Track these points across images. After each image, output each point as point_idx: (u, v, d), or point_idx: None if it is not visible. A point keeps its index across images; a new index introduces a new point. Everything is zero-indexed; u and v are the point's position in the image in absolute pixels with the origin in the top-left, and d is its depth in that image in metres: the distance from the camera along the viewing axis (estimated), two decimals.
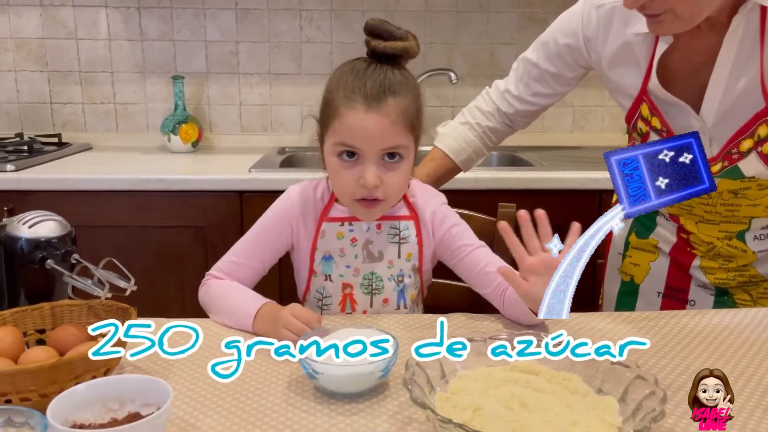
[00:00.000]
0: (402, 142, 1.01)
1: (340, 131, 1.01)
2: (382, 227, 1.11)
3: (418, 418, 0.77)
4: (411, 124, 1.02)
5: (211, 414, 0.77)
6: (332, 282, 1.12)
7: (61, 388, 0.74)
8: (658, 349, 0.95)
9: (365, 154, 1.00)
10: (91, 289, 0.86)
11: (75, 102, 2.35)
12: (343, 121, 1.00)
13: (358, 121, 0.98)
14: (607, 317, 1.07)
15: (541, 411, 0.72)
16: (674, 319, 1.06)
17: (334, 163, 1.03)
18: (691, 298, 1.25)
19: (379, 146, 1.00)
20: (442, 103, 2.42)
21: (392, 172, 1.02)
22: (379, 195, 1.02)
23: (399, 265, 1.12)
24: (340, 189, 1.06)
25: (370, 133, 0.99)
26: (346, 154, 1.02)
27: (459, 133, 1.38)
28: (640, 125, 1.16)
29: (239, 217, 1.84)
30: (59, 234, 0.93)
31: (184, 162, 2.09)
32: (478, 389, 0.77)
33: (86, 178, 1.82)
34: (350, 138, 1.00)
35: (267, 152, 2.22)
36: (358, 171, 1.01)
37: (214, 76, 2.36)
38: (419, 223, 1.13)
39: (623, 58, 1.13)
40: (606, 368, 0.78)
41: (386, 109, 0.99)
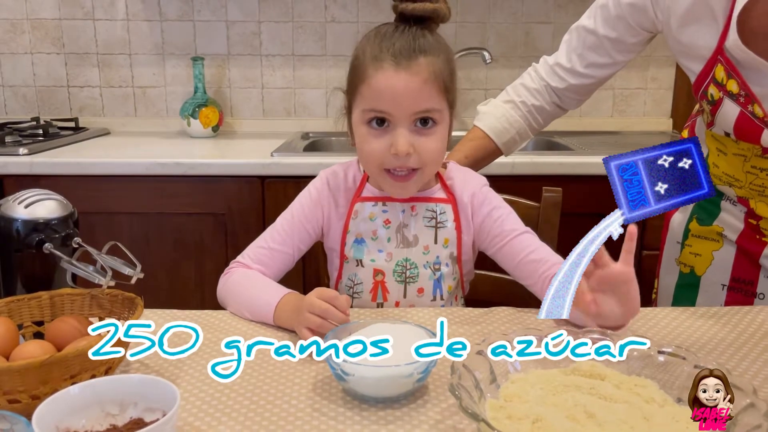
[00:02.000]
0: (435, 105, 0.92)
1: (369, 96, 0.92)
2: (417, 209, 1.01)
3: (464, 429, 0.66)
4: (444, 86, 0.93)
5: (225, 420, 0.67)
6: (363, 267, 1.02)
7: (55, 388, 0.65)
8: (736, 348, 0.83)
9: (396, 119, 0.91)
10: (92, 277, 0.76)
11: (92, 85, 2.27)
12: (371, 84, 0.91)
13: (386, 82, 0.90)
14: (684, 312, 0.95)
15: (613, 423, 0.60)
16: (761, 315, 0.93)
17: (363, 132, 0.94)
18: (760, 291, 1.12)
19: (411, 109, 0.91)
20: (473, 85, 2.29)
21: (426, 137, 0.93)
22: (412, 164, 0.93)
23: (435, 252, 1.01)
24: (368, 159, 0.96)
25: (400, 95, 0.90)
26: (375, 122, 0.93)
27: (502, 112, 1.26)
28: (711, 91, 1.02)
29: (261, 204, 1.74)
30: (59, 215, 0.83)
31: (203, 147, 2.00)
32: (534, 396, 0.65)
33: (101, 162, 1.74)
34: (379, 102, 0.91)
35: (290, 137, 2.12)
36: (389, 139, 0.92)
37: (236, 58, 2.26)
38: (457, 207, 1.03)
39: (697, 14, 0.99)
40: (687, 373, 0.67)
41: (416, 67, 0.90)
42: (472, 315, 0.94)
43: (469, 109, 2.27)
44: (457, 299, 1.08)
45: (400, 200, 1.01)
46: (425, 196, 1.02)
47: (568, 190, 1.31)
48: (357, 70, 0.94)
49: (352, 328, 0.78)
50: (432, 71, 0.91)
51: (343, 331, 0.77)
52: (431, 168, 0.97)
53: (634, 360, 0.71)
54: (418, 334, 0.75)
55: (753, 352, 0.83)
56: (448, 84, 0.94)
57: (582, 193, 1.66)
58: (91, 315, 0.82)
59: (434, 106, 0.92)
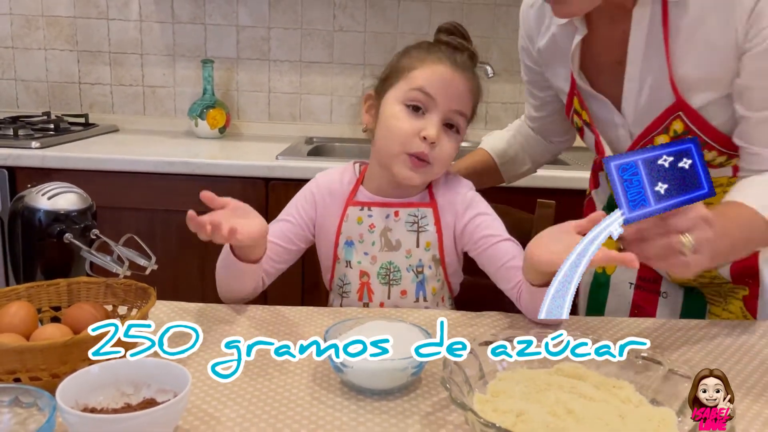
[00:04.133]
0: (466, 111, 1.03)
1: (421, 78, 1.00)
2: (400, 215, 1.07)
3: (453, 420, 0.71)
4: (475, 102, 1.05)
5: (231, 404, 0.72)
6: (351, 268, 1.08)
7: (74, 368, 0.69)
8: (712, 360, 0.88)
9: (435, 107, 1.00)
10: (109, 266, 0.81)
11: (103, 83, 2.33)
12: (428, 70, 1.00)
13: (443, 73, 1.00)
14: (645, 322, 1.00)
15: (591, 420, 0.65)
16: (737, 330, 0.98)
17: (397, 111, 1.01)
18: (664, 290, 1.18)
19: (453, 104, 1.00)
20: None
21: (447, 137, 1.02)
22: (430, 156, 1.00)
23: (417, 255, 1.06)
24: (395, 138, 1.01)
25: (451, 87, 1.00)
26: (413, 107, 1.00)
27: (503, 135, 1.37)
28: (575, 120, 1.14)
29: (264, 205, 1.80)
30: (79, 207, 0.88)
31: (210, 147, 2.05)
32: (519, 392, 0.70)
33: (111, 158, 1.79)
34: (431, 84, 0.99)
35: (294, 141, 2.17)
36: (421, 123, 1.00)
37: (244, 62, 2.32)
38: (437, 210, 1.07)
39: (553, 53, 1.10)
40: (660, 377, 0.72)
41: (468, 74, 1.02)
42: (465, 318, 0.99)
43: (475, 126, 2.32)
44: (444, 300, 1.12)
45: (383, 205, 1.06)
46: (408, 202, 1.07)
47: (562, 203, 1.36)
48: (411, 58, 1.03)
49: (350, 324, 0.82)
50: (475, 84, 1.04)
51: (342, 327, 0.81)
52: (440, 168, 1.03)
53: (613, 363, 0.76)
54: (413, 331, 0.80)
55: (720, 358, 0.88)
56: (476, 101, 1.05)
57: (576, 206, 1.71)
58: (105, 303, 0.86)
59: (466, 111, 1.02)
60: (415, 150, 0.99)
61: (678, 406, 0.68)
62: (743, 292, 1.08)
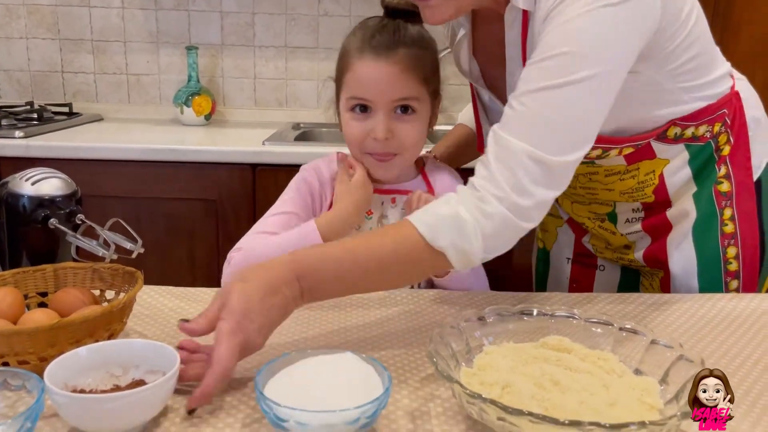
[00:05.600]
0: (413, 94, 0.99)
1: (352, 84, 0.99)
2: (396, 201, 1.07)
3: (441, 395, 0.71)
4: (424, 76, 1.00)
5: None
6: None
7: (61, 351, 0.69)
8: (695, 332, 0.89)
9: (376, 106, 0.99)
10: (95, 250, 0.81)
11: (87, 71, 2.30)
12: (355, 72, 0.99)
13: (367, 71, 0.97)
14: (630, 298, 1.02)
15: (576, 390, 0.66)
16: (710, 302, 1.00)
17: (347, 117, 1.02)
18: (600, 263, 1.20)
19: (390, 96, 0.98)
20: (462, 81, 2.33)
21: (405, 123, 1.00)
22: (391, 149, 1.00)
23: None
24: (350, 142, 1.04)
25: (379, 82, 0.97)
26: (358, 108, 1.00)
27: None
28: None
29: (251, 191, 1.79)
30: (64, 192, 0.88)
31: (196, 134, 2.04)
32: (506, 366, 0.71)
33: (96, 147, 1.78)
34: (361, 89, 0.98)
35: (281, 127, 2.16)
36: (370, 124, 1.00)
37: (229, 48, 2.30)
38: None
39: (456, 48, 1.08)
40: (644, 347, 0.73)
41: (395, 57, 0.97)
42: (451, 296, 1.00)
43: (456, 104, 2.32)
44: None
45: (380, 192, 1.07)
46: (405, 189, 1.07)
47: None
48: (342, 60, 1.02)
49: (291, 359, 0.67)
50: (411, 61, 0.97)
51: (281, 363, 0.66)
52: (411, 153, 1.03)
53: (599, 335, 0.77)
54: (361, 368, 0.66)
55: (702, 331, 0.90)
56: (428, 75, 1.00)
57: None
58: (92, 287, 0.86)
59: (413, 94, 0.99)
60: (371, 150, 1.01)
61: (660, 375, 0.69)
62: (660, 274, 1.10)
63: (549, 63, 0.77)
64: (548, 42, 0.78)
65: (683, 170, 1.04)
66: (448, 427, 0.65)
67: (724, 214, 1.05)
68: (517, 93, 0.79)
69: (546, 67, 0.78)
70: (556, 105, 0.77)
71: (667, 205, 1.07)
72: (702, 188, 1.04)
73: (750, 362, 0.81)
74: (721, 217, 1.05)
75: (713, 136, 1.02)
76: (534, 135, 0.77)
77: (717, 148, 1.04)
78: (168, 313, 0.91)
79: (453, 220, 0.76)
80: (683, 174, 1.04)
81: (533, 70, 0.79)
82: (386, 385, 0.63)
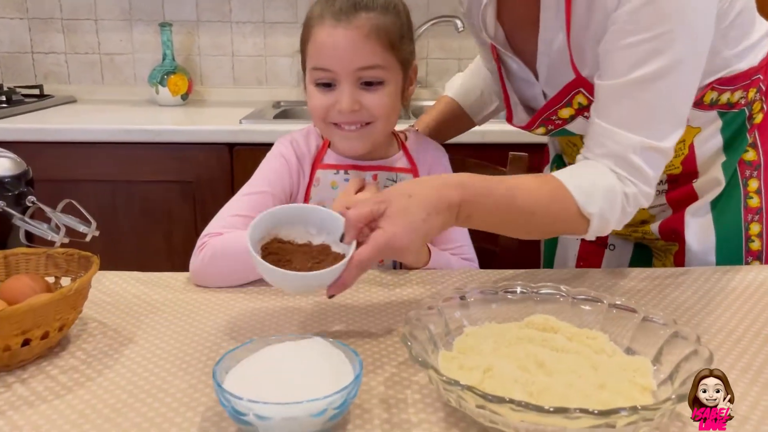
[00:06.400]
0: (377, 62, 0.92)
1: (314, 53, 0.93)
2: (379, 178, 1.01)
3: (419, 381, 0.66)
4: (390, 42, 0.93)
5: (181, 375, 0.67)
6: None
7: (6, 344, 0.64)
8: (689, 307, 0.85)
9: (340, 77, 0.92)
10: (45, 234, 0.75)
11: (57, 52, 2.22)
12: (315, 40, 0.93)
13: (326, 37, 0.91)
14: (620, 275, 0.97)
15: (562, 372, 0.61)
16: (703, 277, 0.95)
17: (311, 91, 0.96)
18: (611, 242, 1.16)
19: (353, 65, 0.91)
20: (447, 55, 2.28)
21: (373, 94, 0.94)
22: (362, 118, 0.94)
23: None
24: (314, 114, 0.97)
25: (340, 49, 0.91)
26: (323, 83, 0.94)
27: (466, 77, 1.27)
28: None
29: (229, 172, 1.73)
30: (13, 173, 0.81)
31: (172, 115, 1.97)
32: (488, 348, 0.66)
33: (66, 128, 1.71)
34: (321, 58, 0.92)
35: (261, 105, 2.09)
36: (334, 97, 0.93)
37: (205, 25, 2.22)
38: (419, 177, 1.02)
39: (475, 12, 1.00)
40: (635, 325, 0.68)
41: (357, 22, 0.90)
42: (431, 276, 0.95)
43: (443, 78, 2.26)
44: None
45: (362, 168, 1.01)
46: (388, 165, 1.02)
47: (534, 156, 1.32)
48: (305, 29, 0.96)
49: (253, 346, 0.62)
50: (375, 26, 0.91)
51: (242, 352, 0.61)
52: (383, 123, 0.96)
53: (587, 313, 0.72)
54: (328, 353, 0.61)
55: (695, 306, 0.85)
56: (395, 41, 0.93)
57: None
58: (47, 274, 0.81)
59: (377, 61, 0.92)
60: (339, 120, 0.94)
61: (653, 354, 0.64)
62: (674, 248, 1.06)
63: (645, 46, 0.77)
64: (639, 21, 0.77)
65: (714, 139, 0.99)
66: (425, 416, 0.61)
67: (749, 186, 1.00)
68: (619, 81, 0.80)
69: (644, 50, 0.77)
70: (661, 93, 0.79)
71: (694, 176, 1.02)
72: (731, 158, 0.99)
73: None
74: (745, 188, 1.00)
75: (747, 103, 0.97)
76: (645, 125, 0.80)
77: (750, 116, 0.99)
78: (131, 299, 0.85)
79: (607, 191, 0.80)
80: (714, 143, 0.99)
81: (629, 53, 0.78)
82: (357, 372, 0.58)
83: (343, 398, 0.55)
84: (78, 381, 0.66)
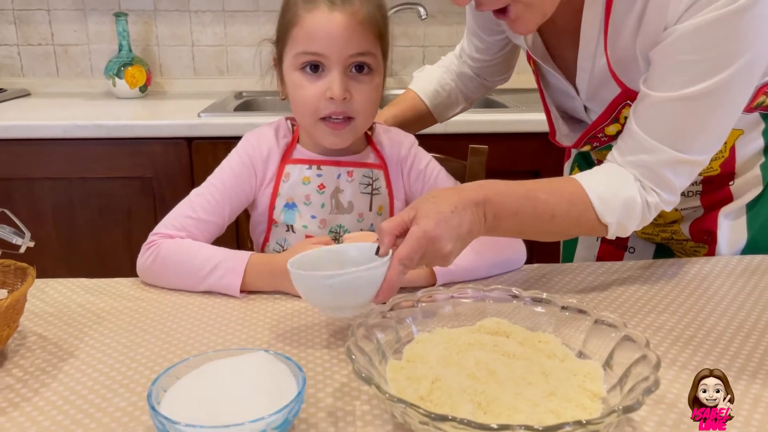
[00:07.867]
0: (371, 49, 0.90)
1: (302, 39, 0.89)
2: (354, 175, 0.99)
3: (368, 391, 0.65)
4: (379, 31, 0.91)
5: (122, 392, 0.65)
6: (294, 233, 0.99)
7: None
8: (644, 303, 0.84)
9: (331, 62, 0.89)
10: None
11: (9, 43, 2.15)
12: (305, 25, 0.88)
13: (321, 22, 0.87)
14: (587, 269, 0.96)
15: (512, 380, 0.60)
16: (661, 269, 0.95)
17: (296, 79, 0.91)
18: (631, 245, 1.15)
19: (347, 51, 0.88)
20: (411, 42, 2.25)
21: (362, 85, 0.91)
22: (348, 111, 0.91)
23: (369, 220, 1.00)
24: (303, 108, 0.92)
25: (335, 35, 0.87)
26: (309, 67, 0.90)
27: (435, 75, 1.25)
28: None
29: (189, 167, 1.69)
30: None
31: (130, 108, 1.92)
32: (438, 355, 0.65)
33: (15, 125, 1.65)
34: (313, 44, 0.88)
35: (222, 97, 2.05)
36: (324, 84, 0.90)
37: (163, 14, 2.16)
38: (388, 171, 1.01)
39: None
40: (588, 327, 0.67)
41: (352, 8, 0.88)
42: None
43: (407, 66, 2.24)
44: None
45: (335, 164, 0.98)
46: (360, 161, 1.00)
47: (501, 147, 1.31)
48: (288, 13, 0.91)
49: (187, 365, 0.59)
50: (368, 13, 0.89)
51: (181, 369, 0.59)
52: (364, 118, 0.94)
53: (539, 316, 0.71)
54: (272, 368, 0.59)
55: (648, 305, 0.84)
56: (382, 30, 0.92)
57: (514, 150, 1.67)
58: None
59: (370, 49, 0.90)
60: (329, 111, 0.90)
61: (604, 358, 0.63)
62: (703, 250, 1.05)
63: (705, 65, 0.75)
64: (703, 39, 0.75)
65: (756, 141, 0.98)
66: (372, 429, 0.59)
67: None
68: (668, 95, 0.78)
69: (702, 68, 0.76)
70: (709, 110, 0.77)
71: (730, 177, 1.00)
72: None
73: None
74: None
75: None
76: (686, 142, 0.79)
77: None
78: (75, 309, 0.82)
79: (627, 201, 0.81)
80: (756, 145, 0.98)
81: (685, 69, 0.76)
82: (299, 389, 0.56)
83: (284, 417, 0.53)
84: (13, 401, 0.63)
